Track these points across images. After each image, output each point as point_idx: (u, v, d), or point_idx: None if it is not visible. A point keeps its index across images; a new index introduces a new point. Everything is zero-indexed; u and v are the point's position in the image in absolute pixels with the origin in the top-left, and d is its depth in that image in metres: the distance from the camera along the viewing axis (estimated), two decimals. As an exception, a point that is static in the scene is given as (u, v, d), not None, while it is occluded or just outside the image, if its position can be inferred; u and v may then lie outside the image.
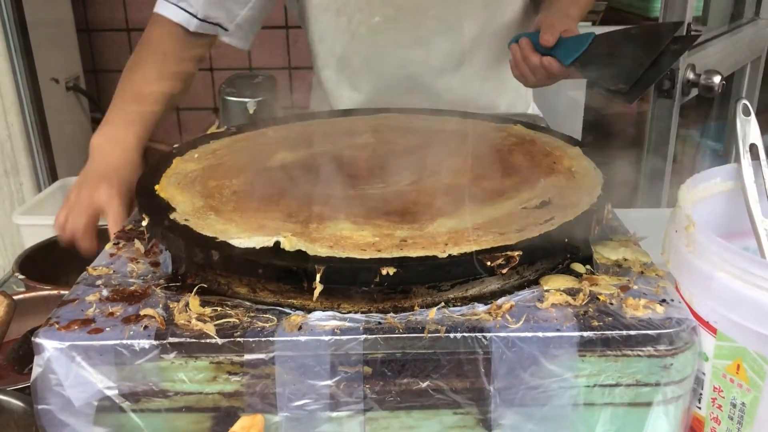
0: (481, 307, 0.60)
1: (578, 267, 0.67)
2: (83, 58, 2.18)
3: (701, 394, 0.62)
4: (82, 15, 2.21)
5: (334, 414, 0.58)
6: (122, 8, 2.24)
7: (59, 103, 1.91)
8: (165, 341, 0.57)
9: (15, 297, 0.88)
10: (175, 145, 0.87)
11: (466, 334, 0.57)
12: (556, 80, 1.09)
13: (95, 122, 2.13)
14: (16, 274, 0.94)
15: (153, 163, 0.81)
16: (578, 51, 0.96)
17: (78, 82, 2.07)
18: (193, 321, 0.58)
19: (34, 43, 1.66)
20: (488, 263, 0.59)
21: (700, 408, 0.62)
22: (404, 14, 1.13)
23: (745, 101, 0.71)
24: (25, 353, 0.78)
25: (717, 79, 1.56)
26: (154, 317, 0.59)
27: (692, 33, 1.54)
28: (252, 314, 0.60)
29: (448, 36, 1.16)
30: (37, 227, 1.13)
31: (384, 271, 0.57)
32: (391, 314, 0.59)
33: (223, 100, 1.11)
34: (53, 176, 1.71)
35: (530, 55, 1.02)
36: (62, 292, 0.86)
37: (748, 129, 0.71)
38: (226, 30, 1.11)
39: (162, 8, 1.07)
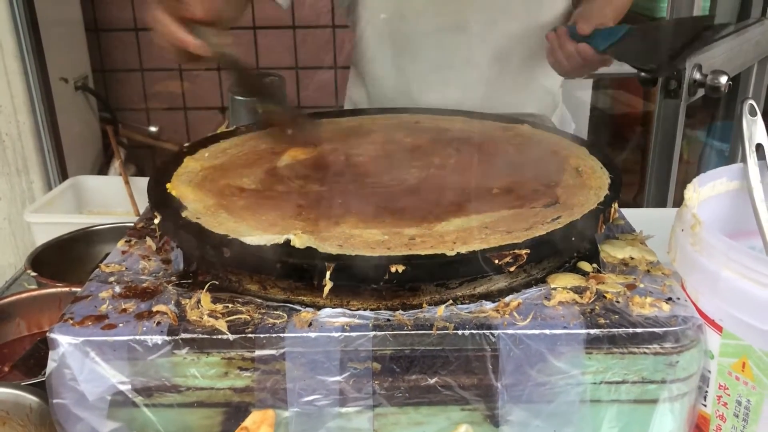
0: (488, 305, 0.61)
1: (585, 265, 0.67)
2: (91, 58, 2.19)
3: (707, 391, 0.62)
4: (91, 15, 2.22)
5: (344, 410, 0.59)
6: (130, 8, 2.25)
7: (68, 103, 1.92)
8: (177, 337, 0.58)
9: (27, 294, 0.89)
10: (185, 144, 0.88)
11: (474, 331, 0.57)
12: (589, 69, 1.13)
13: (103, 121, 2.15)
14: (28, 271, 0.96)
15: (163, 161, 0.82)
16: (612, 39, 1.01)
17: (86, 82, 2.08)
18: (205, 317, 0.59)
19: (44, 43, 1.67)
20: (496, 261, 0.59)
21: (705, 406, 0.63)
22: (448, 2, 1.17)
23: (751, 101, 0.71)
24: (36, 362, 0.79)
25: (723, 79, 1.57)
26: (166, 313, 0.60)
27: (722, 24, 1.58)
28: (263, 311, 0.61)
29: (489, 28, 1.20)
30: (48, 225, 1.14)
31: (393, 269, 0.57)
32: (400, 311, 0.60)
33: (232, 99, 1.11)
34: (63, 175, 1.73)
35: (566, 42, 1.08)
36: (74, 289, 0.87)
37: (755, 129, 0.71)
38: None
39: None
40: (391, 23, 1.23)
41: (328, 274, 0.58)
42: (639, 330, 0.58)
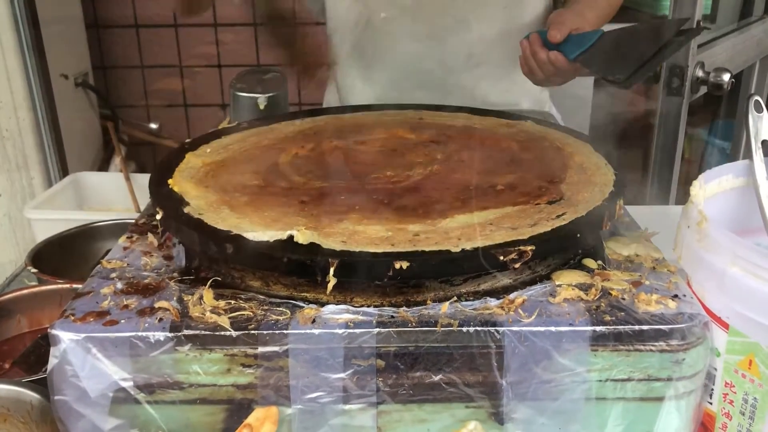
0: (493, 302, 0.60)
1: (590, 262, 0.67)
2: (92, 55, 2.19)
3: (713, 389, 0.62)
4: (91, 11, 2.22)
5: (347, 407, 0.58)
6: (131, 5, 2.25)
7: (68, 99, 1.91)
8: (180, 333, 0.57)
9: (27, 291, 0.89)
10: (187, 140, 0.87)
11: (478, 328, 0.57)
12: (565, 79, 1.09)
13: (103, 118, 2.14)
14: (29, 267, 0.95)
15: (165, 157, 0.82)
16: (584, 46, 0.97)
17: (87, 78, 2.07)
18: (208, 314, 0.59)
19: (45, 40, 1.66)
20: (501, 258, 0.59)
21: (711, 403, 0.63)
22: (421, 7, 1.13)
23: (757, 97, 0.71)
24: (37, 359, 0.78)
25: (726, 77, 1.56)
26: (168, 310, 0.59)
27: (700, 26, 1.54)
28: (266, 307, 0.60)
29: (465, 34, 1.16)
30: (48, 221, 1.14)
31: (397, 265, 0.57)
32: (404, 308, 0.60)
33: (233, 95, 1.11)
34: (64, 171, 1.72)
35: (538, 50, 1.03)
36: (74, 285, 0.86)
37: (761, 125, 0.71)
38: None
39: None
40: (362, 30, 1.19)
41: (331, 270, 0.58)
42: (645, 327, 0.57)
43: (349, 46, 1.20)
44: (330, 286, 0.58)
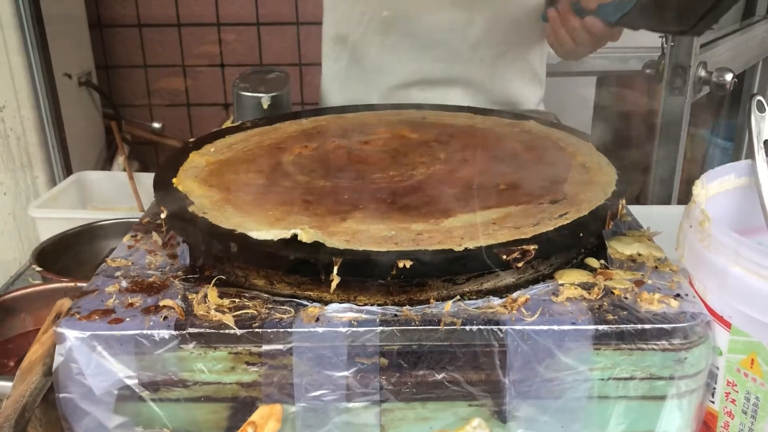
0: (496, 301, 0.61)
1: (592, 261, 0.67)
2: (95, 54, 2.19)
3: (715, 388, 0.62)
4: (94, 11, 2.22)
5: (350, 405, 0.59)
6: (134, 4, 2.25)
7: (72, 98, 1.91)
8: (184, 332, 0.57)
9: (32, 289, 0.89)
10: (191, 140, 0.88)
11: (481, 327, 0.57)
12: (593, 47, 1.06)
13: (107, 117, 2.15)
14: (33, 266, 0.95)
15: (169, 156, 0.82)
16: (625, 9, 0.93)
17: (90, 78, 2.08)
18: (212, 312, 0.59)
19: (49, 39, 1.67)
20: (504, 257, 0.59)
21: (713, 402, 0.63)
22: None
23: (760, 97, 0.71)
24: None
25: (729, 76, 1.56)
26: (173, 308, 0.60)
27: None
28: (270, 306, 0.61)
29: (492, 10, 1.14)
30: (52, 220, 1.14)
31: (401, 264, 0.57)
32: (407, 307, 0.60)
33: (237, 95, 1.11)
34: (68, 170, 1.72)
35: (570, 18, 1.00)
36: (79, 284, 0.87)
37: (763, 125, 0.71)
38: None
39: None
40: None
41: (335, 268, 0.58)
42: (647, 326, 0.58)
43: (371, 15, 1.20)
44: (333, 284, 0.58)
